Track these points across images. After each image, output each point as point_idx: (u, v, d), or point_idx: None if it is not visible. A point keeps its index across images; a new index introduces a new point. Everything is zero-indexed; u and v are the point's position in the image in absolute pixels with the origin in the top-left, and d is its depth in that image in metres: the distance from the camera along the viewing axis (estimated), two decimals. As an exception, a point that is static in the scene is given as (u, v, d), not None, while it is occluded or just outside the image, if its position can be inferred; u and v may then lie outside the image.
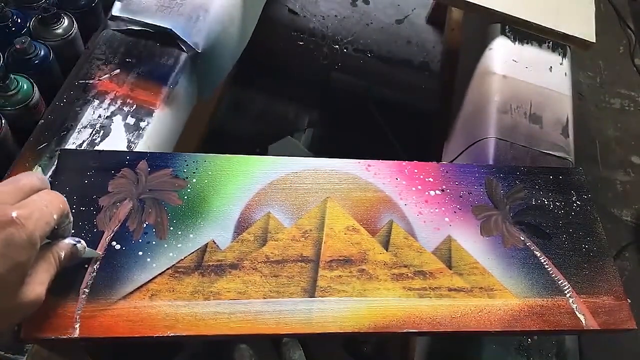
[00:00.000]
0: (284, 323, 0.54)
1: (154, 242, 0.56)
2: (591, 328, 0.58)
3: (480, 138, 0.82)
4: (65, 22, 0.73)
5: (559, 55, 0.94)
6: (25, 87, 0.66)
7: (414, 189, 0.65)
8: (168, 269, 0.55)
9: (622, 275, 1.24)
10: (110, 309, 0.52)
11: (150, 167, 0.61)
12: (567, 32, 0.94)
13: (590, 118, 1.60)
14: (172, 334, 0.51)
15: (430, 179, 0.66)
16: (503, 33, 0.94)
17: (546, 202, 0.67)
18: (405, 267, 0.59)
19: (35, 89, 0.67)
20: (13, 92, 0.65)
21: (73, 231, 0.52)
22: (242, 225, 0.59)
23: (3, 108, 0.65)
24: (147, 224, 0.57)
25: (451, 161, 0.90)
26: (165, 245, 0.56)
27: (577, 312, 0.59)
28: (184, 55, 0.77)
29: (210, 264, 0.56)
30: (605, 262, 0.63)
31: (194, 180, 0.61)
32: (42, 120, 0.67)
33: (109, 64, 0.74)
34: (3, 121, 0.64)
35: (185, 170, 0.62)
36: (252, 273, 0.56)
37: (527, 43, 0.94)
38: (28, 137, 0.66)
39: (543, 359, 0.66)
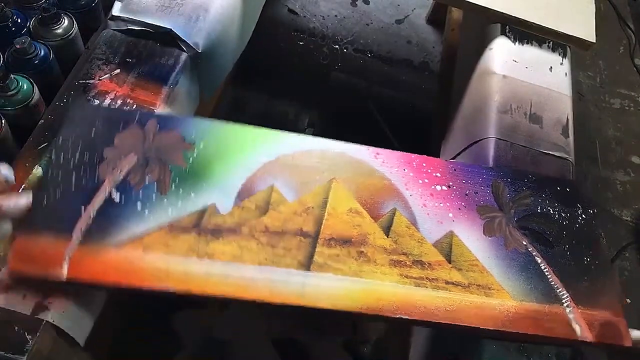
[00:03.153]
0: (277, 292, 0.53)
1: (154, 197, 0.56)
2: (586, 340, 0.58)
3: (480, 138, 0.82)
4: (65, 22, 0.73)
5: (559, 55, 0.94)
6: (25, 87, 0.66)
7: (420, 181, 0.65)
8: (165, 224, 0.55)
9: (622, 275, 1.23)
10: (101, 255, 0.51)
11: (159, 127, 0.61)
12: (567, 32, 0.94)
13: (590, 118, 1.59)
14: (161, 289, 0.51)
15: (438, 174, 0.66)
16: (503, 33, 0.94)
17: (551, 212, 0.67)
18: (405, 255, 0.59)
19: (35, 89, 0.67)
20: (13, 92, 0.65)
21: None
22: (244, 193, 0.59)
23: (3, 108, 0.65)
24: (149, 179, 0.57)
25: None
26: (165, 201, 0.56)
27: (573, 323, 0.59)
28: (184, 55, 0.77)
29: (209, 226, 0.56)
30: (606, 278, 0.63)
31: (202, 145, 0.61)
32: (42, 120, 0.67)
33: (109, 64, 0.74)
34: (3, 121, 0.64)
35: (193, 135, 0.61)
36: (250, 239, 0.56)
37: (527, 43, 0.94)
38: (28, 137, 0.66)
39: (543, 359, 0.66)
